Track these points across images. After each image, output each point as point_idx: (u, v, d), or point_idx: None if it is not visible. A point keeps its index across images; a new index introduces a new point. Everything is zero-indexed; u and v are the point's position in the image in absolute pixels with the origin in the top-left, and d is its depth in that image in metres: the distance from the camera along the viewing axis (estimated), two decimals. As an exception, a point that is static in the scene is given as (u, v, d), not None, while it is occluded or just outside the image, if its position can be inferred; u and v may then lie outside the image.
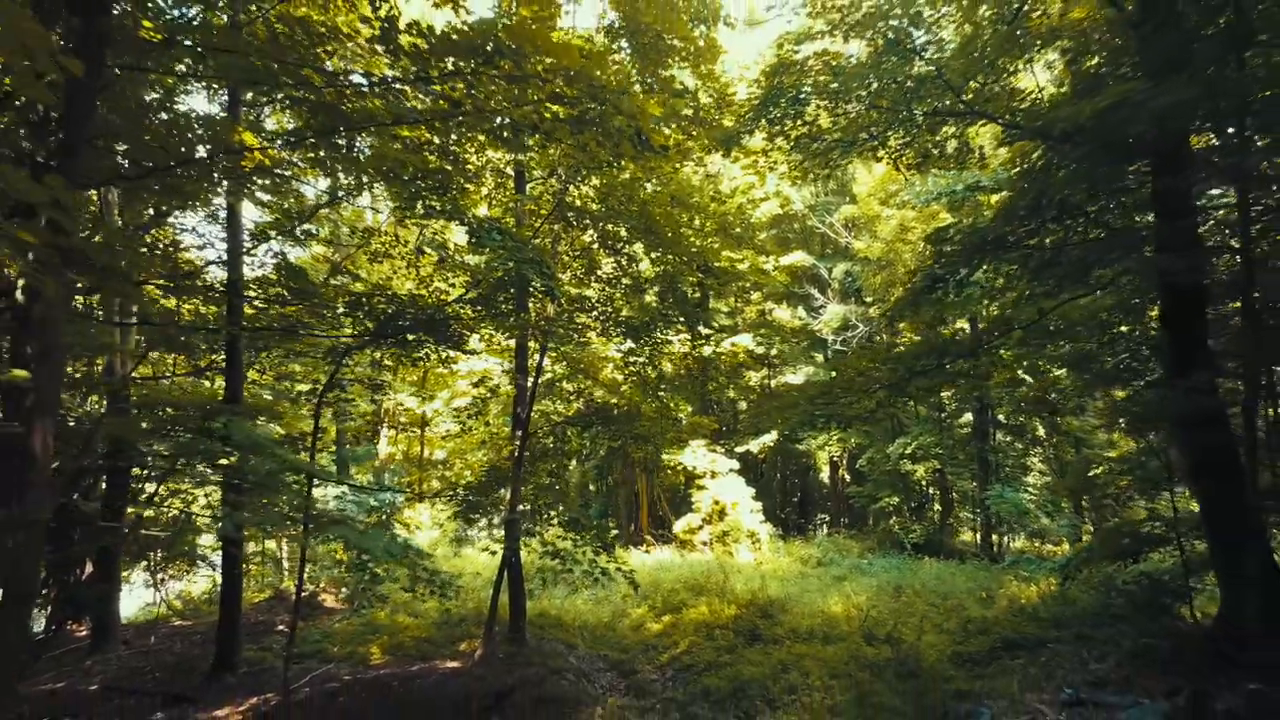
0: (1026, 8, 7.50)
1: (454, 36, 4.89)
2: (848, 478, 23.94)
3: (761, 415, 11.33)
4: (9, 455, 3.91)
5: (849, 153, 8.30)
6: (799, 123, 7.75)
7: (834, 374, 8.79)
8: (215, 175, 6.09)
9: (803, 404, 8.13)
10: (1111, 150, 6.89)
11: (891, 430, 19.35)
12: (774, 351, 21.93)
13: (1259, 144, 7.09)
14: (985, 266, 7.61)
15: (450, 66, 5.16)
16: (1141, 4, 7.69)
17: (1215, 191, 8.61)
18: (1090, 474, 11.09)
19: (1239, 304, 7.66)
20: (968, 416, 19.15)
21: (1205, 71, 6.52)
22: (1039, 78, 8.56)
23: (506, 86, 5.24)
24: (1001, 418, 18.97)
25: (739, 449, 21.13)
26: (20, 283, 6.13)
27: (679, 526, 20.59)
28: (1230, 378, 8.10)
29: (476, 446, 21.93)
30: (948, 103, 7.34)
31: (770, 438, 20.45)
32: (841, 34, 7.45)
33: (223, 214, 10.67)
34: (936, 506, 19.38)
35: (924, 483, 19.02)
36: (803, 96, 7.38)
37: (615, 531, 21.58)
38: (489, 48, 4.86)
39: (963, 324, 15.13)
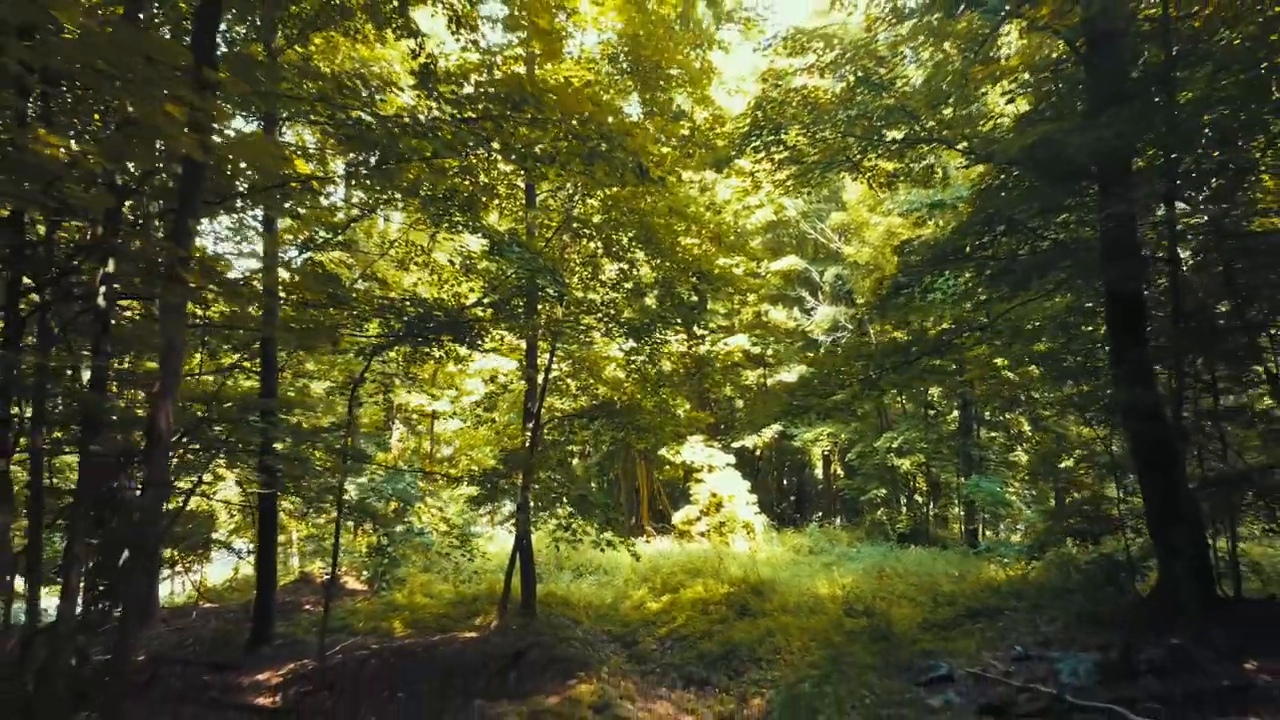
0: (989, 44, 8.53)
1: (491, 89, 5.88)
2: (841, 472, 24.92)
3: (755, 411, 12.30)
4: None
5: (827, 172, 9.33)
6: (781, 148, 8.79)
7: (812, 370, 9.81)
8: (276, 196, 7.09)
9: (784, 396, 9.12)
10: (1055, 174, 7.90)
11: (879, 426, 20.35)
12: (769, 352, 22.93)
13: (1186, 168, 8.08)
14: (946, 274, 8.61)
15: (481, 110, 6.15)
16: (1088, 42, 8.72)
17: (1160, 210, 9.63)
18: (1061, 464, 12.07)
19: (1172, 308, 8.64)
20: (957, 413, 20.15)
21: (1138, 103, 7.54)
22: (1003, 104, 9.52)
23: (529, 128, 6.25)
24: (988, 414, 19.97)
25: (735, 444, 22.11)
26: (101, 289, 7.17)
27: (677, 518, 21.57)
28: (1166, 373, 9.09)
29: (484, 443, 22.95)
30: (916, 129, 8.35)
31: (767, 434, 21.44)
32: (818, 71, 8.46)
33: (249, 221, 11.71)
34: (918, 499, 20.38)
35: (910, 475, 20.02)
36: (783, 126, 8.40)
37: (618, 519, 22.60)
38: (517, 97, 5.86)
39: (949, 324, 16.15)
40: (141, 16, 6.31)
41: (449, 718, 7.67)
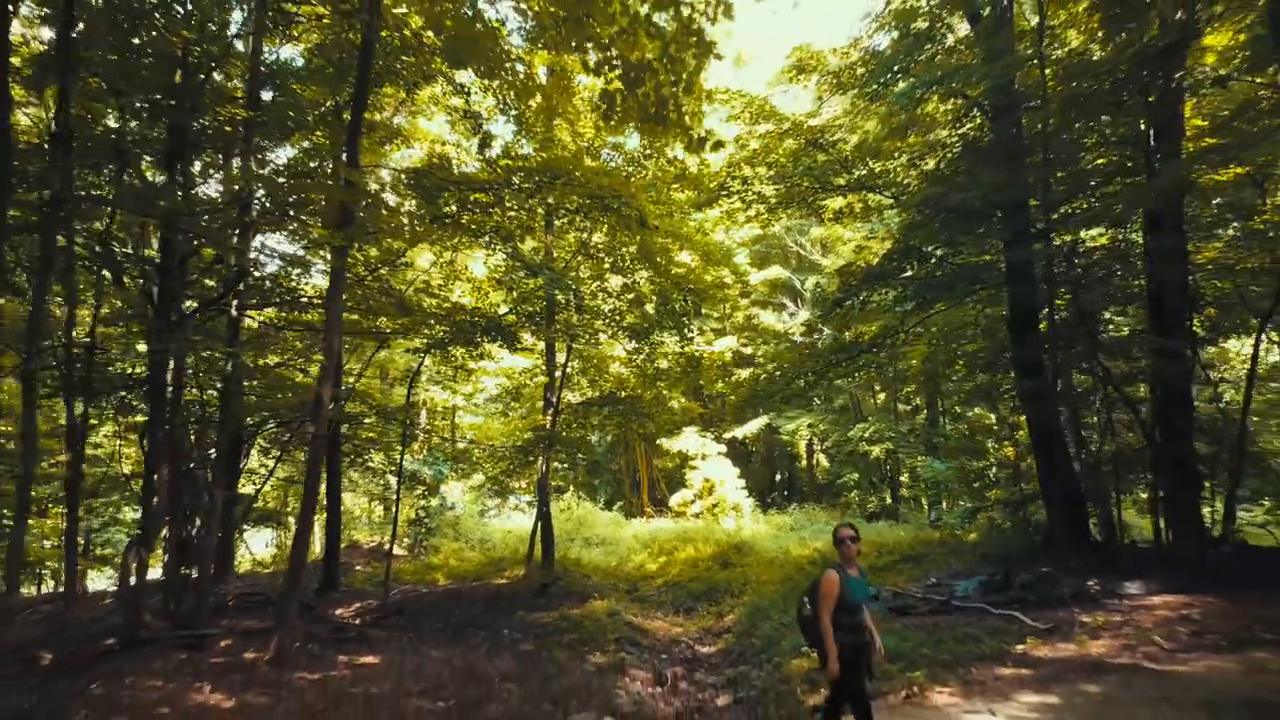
0: (910, 114, 11.08)
1: (539, 163, 8.44)
2: (824, 461, 27.45)
3: (740, 404, 14.86)
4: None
5: (788, 209, 11.84)
6: (749, 193, 11.30)
7: (774, 364, 12.36)
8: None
9: (751, 386, 11.66)
10: (961, 216, 10.46)
11: (854, 418, 22.88)
12: (759, 352, 25.47)
13: (1059, 211, 10.64)
14: (879, 291, 11.14)
15: (534, 181, 8.73)
16: (993, 112, 11.28)
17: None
18: (982, 445, 14.59)
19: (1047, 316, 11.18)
20: (926, 407, 22.64)
21: (1020, 162, 10.10)
22: (920, 159, 12.09)
23: (562, 189, 8.84)
24: (957, 408, 22.47)
25: (727, 435, 24.65)
26: (234, 302, 9.78)
27: (674, 501, 24.12)
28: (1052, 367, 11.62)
29: (500, 436, 25.51)
30: (850, 179, 10.87)
31: (756, 425, 23.96)
32: (779, 135, 11.00)
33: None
34: (887, 482, 22.93)
35: (880, 461, 22.55)
36: (748, 179, 10.93)
37: (620, 503, 25.20)
38: (557, 171, 8.45)
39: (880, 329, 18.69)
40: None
41: (496, 623, 10.19)
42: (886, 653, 6.30)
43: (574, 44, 6.10)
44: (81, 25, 8.08)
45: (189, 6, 8.69)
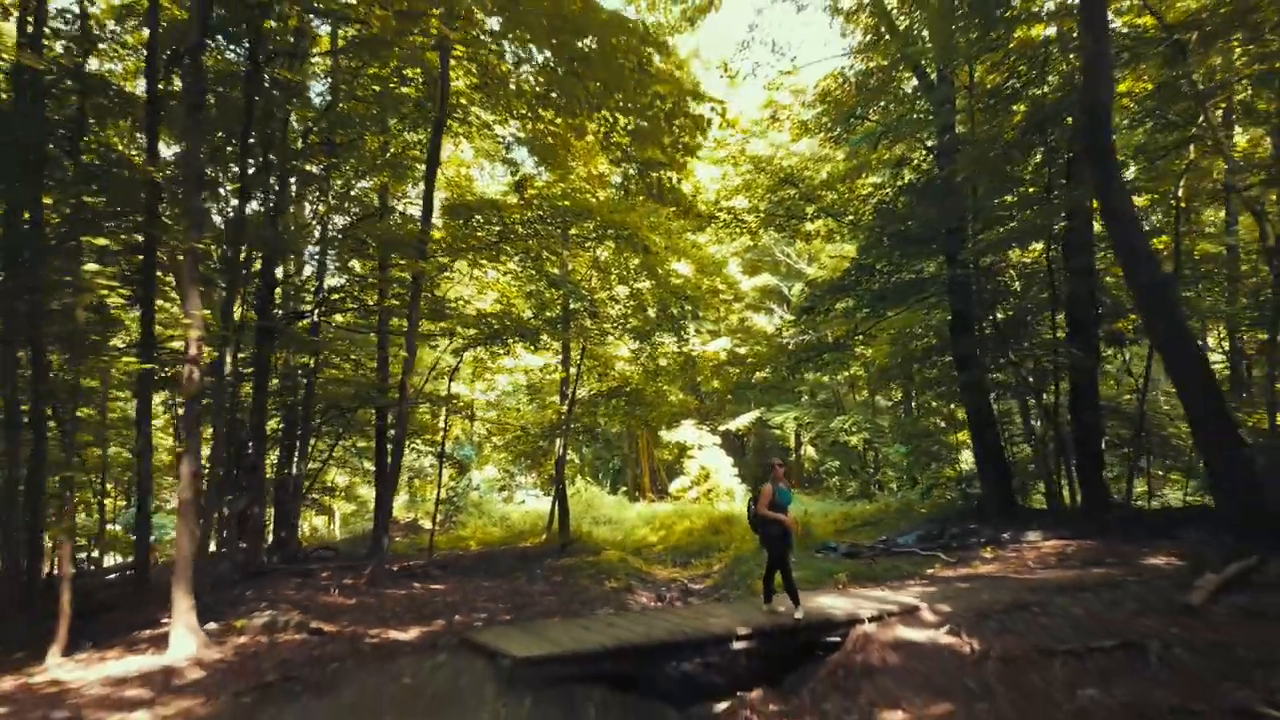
0: (866, 156, 13.55)
1: (561, 206, 10.91)
2: (811, 451, 29.90)
3: (725, 393, 17.30)
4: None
5: (766, 231, 14.28)
6: (734, 221, 13.77)
7: (752, 360, 14.83)
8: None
9: (733, 378, 14.10)
10: (906, 241, 12.91)
11: (835, 411, 25.31)
12: (750, 352, 27.91)
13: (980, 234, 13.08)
14: (840, 300, 13.58)
15: (556, 217, 11.20)
16: (939, 145, 13.72)
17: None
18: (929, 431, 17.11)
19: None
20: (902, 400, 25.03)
21: (955, 195, 12.55)
22: (876, 188, 14.58)
23: (581, 224, 11.31)
24: (933, 402, 24.92)
25: (722, 428, 27.10)
26: (316, 310, 12.25)
27: (673, 487, 26.57)
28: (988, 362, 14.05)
29: (515, 431, 27.97)
30: (817, 208, 13.33)
31: (748, 418, 26.38)
32: (756, 173, 13.43)
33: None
34: (866, 468, 25.37)
35: (858, 450, 24.98)
36: (733, 210, 13.41)
37: (624, 489, 27.65)
38: (581, 210, 10.92)
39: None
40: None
41: (524, 570, 12.64)
42: (835, 577, 8.82)
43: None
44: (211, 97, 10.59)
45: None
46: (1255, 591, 6.03)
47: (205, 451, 11.03)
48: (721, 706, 6.01)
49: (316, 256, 13.22)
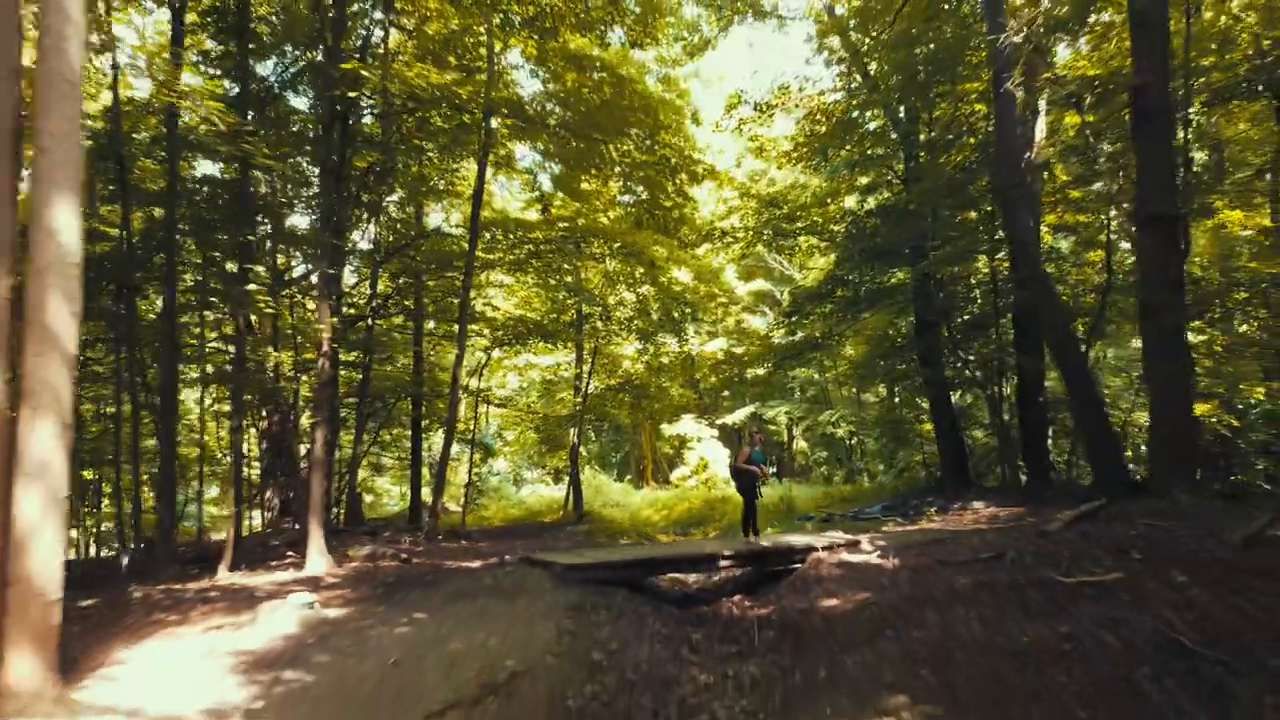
0: (841, 185, 15.79)
1: (578, 226, 13.17)
2: (804, 444, 32.12)
3: (719, 386, 19.53)
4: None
5: (754, 247, 16.52)
6: (726, 238, 16.00)
7: (747, 358, 17.06)
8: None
9: (723, 373, 16.34)
10: (874, 255, 15.15)
11: (823, 405, 27.54)
12: (746, 352, 30.12)
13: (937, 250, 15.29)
14: (819, 305, 15.82)
15: (574, 237, 13.46)
16: (906, 172, 15.95)
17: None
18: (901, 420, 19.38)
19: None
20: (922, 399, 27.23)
21: (923, 214, 14.78)
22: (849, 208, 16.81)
23: (601, 242, 13.55)
24: (904, 395, 27.16)
25: (719, 421, 29.33)
26: (371, 318, 14.51)
27: (674, 477, 28.80)
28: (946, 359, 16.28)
29: (526, 426, 30.19)
30: (798, 226, 15.57)
31: (744, 413, 28.60)
32: (742, 198, 15.65)
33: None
34: (853, 458, 27.61)
35: (844, 441, 27.21)
36: (725, 229, 15.65)
37: (629, 478, 29.90)
38: (596, 230, 13.16)
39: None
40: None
41: (547, 537, 14.87)
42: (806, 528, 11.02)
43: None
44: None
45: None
46: (1099, 523, 8.25)
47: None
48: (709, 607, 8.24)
49: (368, 269, 15.46)
